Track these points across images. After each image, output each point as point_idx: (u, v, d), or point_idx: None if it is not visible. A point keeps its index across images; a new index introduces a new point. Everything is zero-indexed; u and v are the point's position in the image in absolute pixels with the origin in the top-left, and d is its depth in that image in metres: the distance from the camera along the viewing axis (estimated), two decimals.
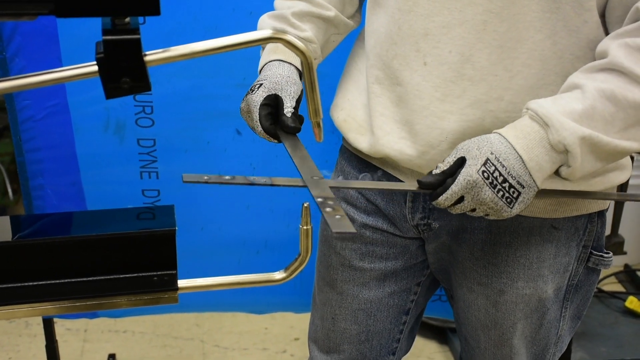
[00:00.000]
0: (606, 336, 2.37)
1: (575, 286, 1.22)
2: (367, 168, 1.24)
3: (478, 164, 0.96)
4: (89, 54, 0.72)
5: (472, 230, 1.18)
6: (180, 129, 1.77)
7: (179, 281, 0.83)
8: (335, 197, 0.87)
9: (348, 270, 1.29)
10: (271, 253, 1.93)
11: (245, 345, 2.42)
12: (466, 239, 1.19)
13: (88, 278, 0.80)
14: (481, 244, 1.18)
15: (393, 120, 1.14)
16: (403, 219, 1.22)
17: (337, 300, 1.31)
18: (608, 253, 1.21)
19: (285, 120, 1.07)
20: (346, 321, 1.32)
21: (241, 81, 1.70)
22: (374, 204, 1.24)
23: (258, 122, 1.09)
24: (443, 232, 1.21)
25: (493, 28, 1.03)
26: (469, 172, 0.96)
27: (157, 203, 1.85)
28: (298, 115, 1.10)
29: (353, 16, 1.29)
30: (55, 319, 2.00)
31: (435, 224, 1.20)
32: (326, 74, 1.42)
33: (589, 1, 1.00)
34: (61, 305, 0.81)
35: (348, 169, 1.27)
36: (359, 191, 1.26)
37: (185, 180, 0.93)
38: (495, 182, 0.96)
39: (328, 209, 0.83)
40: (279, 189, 1.62)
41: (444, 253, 1.25)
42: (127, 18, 0.68)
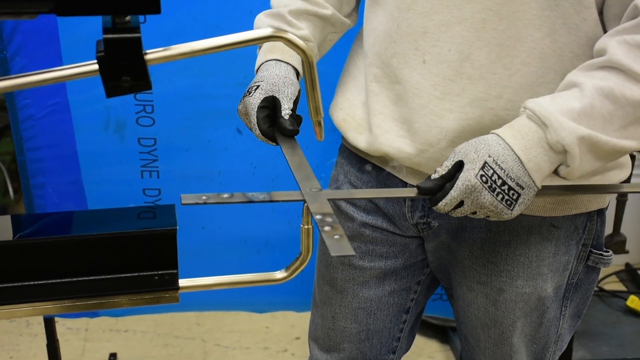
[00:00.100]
0: (608, 335, 2.37)
1: (575, 285, 1.22)
2: (368, 167, 1.24)
3: (476, 168, 0.95)
4: (90, 53, 0.72)
5: (472, 229, 1.18)
6: (181, 128, 1.77)
7: (180, 280, 0.83)
8: (333, 213, 0.84)
9: (348, 269, 1.29)
10: (272, 252, 1.93)
11: (246, 344, 2.42)
12: (465, 238, 1.19)
13: (89, 277, 0.80)
14: (480, 243, 1.18)
15: (392, 118, 1.13)
16: (403, 218, 1.22)
17: (337, 299, 1.31)
18: (608, 251, 1.21)
19: (282, 123, 1.06)
20: (346, 320, 1.32)
21: (242, 80, 1.69)
22: (374, 203, 1.24)
23: (256, 125, 1.08)
24: (442, 231, 1.21)
25: (492, 26, 1.02)
26: (467, 177, 0.95)
27: (158, 202, 1.85)
28: (296, 116, 1.09)
29: (350, 15, 1.29)
30: (56, 318, 2.00)
31: (434, 223, 1.20)
32: (325, 73, 1.41)
33: None
34: (62, 304, 0.81)
35: (348, 168, 1.27)
36: None
37: (184, 202, 0.89)
38: (494, 186, 0.95)
39: (327, 228, 0.79)
40: (280, 187, 1.62)
41: (444, 252, 1.25)
42: (128, 17, 0.68)
